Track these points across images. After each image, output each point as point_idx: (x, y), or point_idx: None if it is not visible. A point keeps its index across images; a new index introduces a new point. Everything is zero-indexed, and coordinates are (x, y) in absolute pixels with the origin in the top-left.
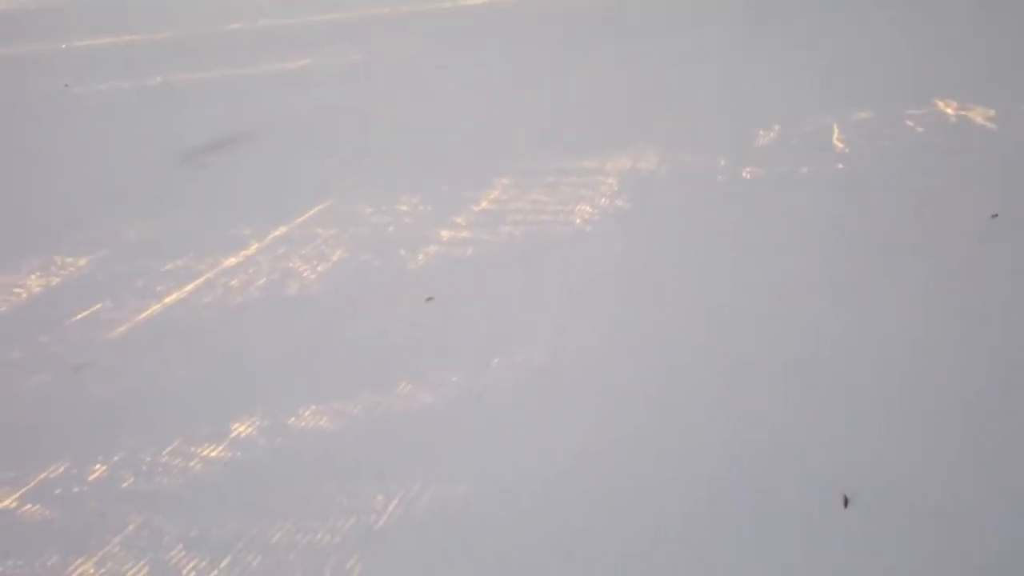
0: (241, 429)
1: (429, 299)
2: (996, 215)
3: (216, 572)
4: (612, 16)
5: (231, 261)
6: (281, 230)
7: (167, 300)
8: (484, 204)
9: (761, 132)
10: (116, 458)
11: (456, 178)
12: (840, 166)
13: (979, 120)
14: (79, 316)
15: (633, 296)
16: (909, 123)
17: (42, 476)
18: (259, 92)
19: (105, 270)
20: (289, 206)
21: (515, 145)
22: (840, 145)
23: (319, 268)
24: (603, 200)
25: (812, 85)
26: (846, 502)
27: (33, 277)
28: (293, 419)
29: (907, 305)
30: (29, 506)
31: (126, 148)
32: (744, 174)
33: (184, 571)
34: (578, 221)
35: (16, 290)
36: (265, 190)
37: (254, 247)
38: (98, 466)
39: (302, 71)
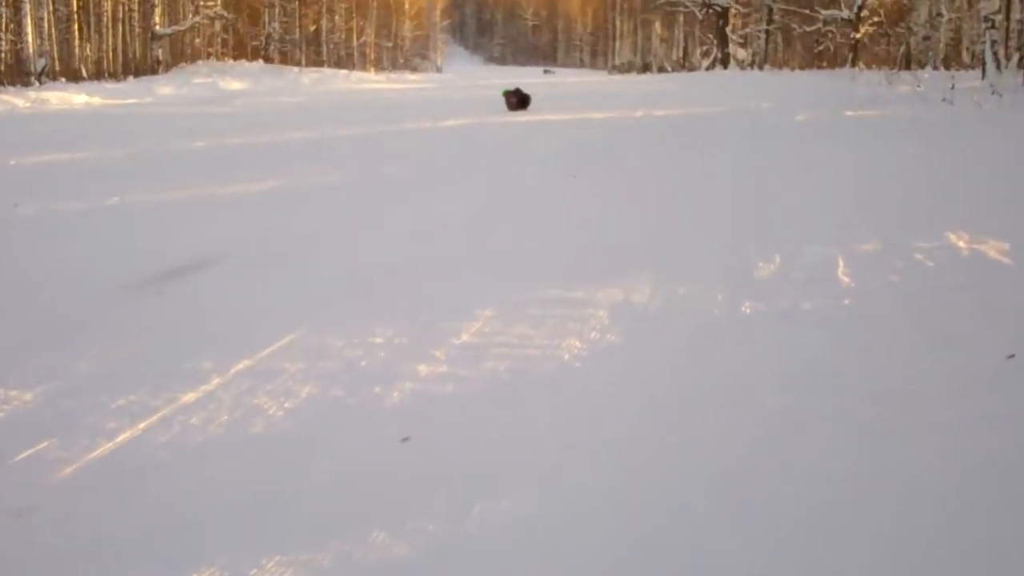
0: None
1: (405, 439)
2: (1013, 355)
3: None
4: (619, 140)
5: (189, 397)
6: (245, 363)
7: (119, 439)
8: (465, 337)
9: (761, 263)
10: None
11: (435, 308)
12: (846, 302)
13: (992, 254)
14: (23, 455)
15: (627, 439)
16: (918, 256)
17: None
18: (223, 215)
19: (52, 405)
20: (254, 338)
21: (499, 274)
22: (845, 279)
23: (286, 405)
24: (593, 334)
25: (814, 213)
26: None
27: None
28: (255, 571)
29: (923, 457)
30: None
31: (78, 272)
32: (743, 308)
33: None
34: (566, 357)
35: None
36: (228, 320)
37: (215, 382)
38: None
39: (269, 193)
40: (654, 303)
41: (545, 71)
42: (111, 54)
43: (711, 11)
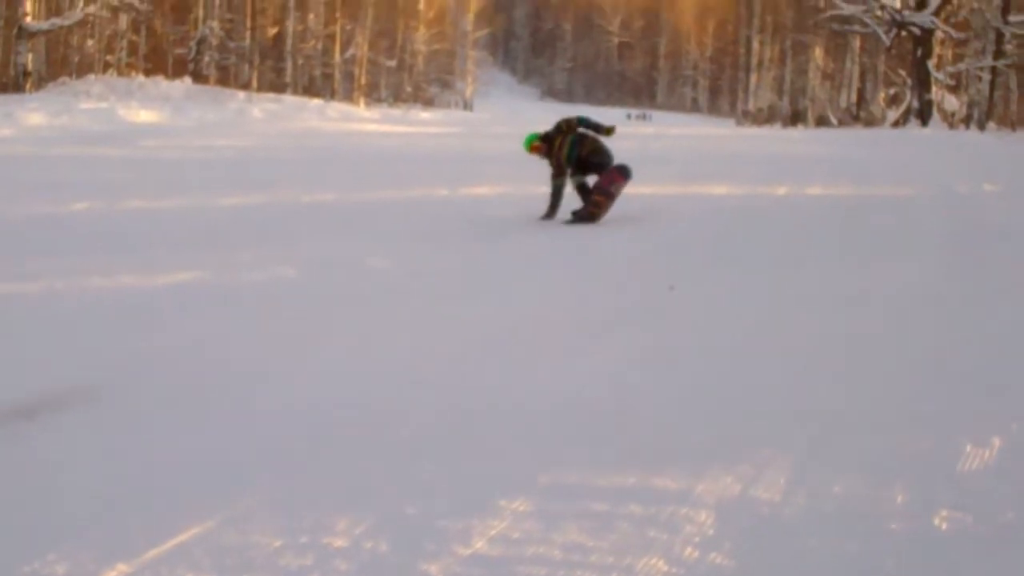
0: None
1: None
2: None
3: None
4: (748, 237)
5: None
6: (120, 570)
7: None
8: (479, 544)
9: (970, 448)
10: None
11: (432, 493)
12: None
13: None
14: None
15: None
16: None
17: None
18: (104, 321)
19: None
20: (139, 526)
21: (537, 441)
22: None
23: None
24: (688, 550)
25: None
26: None
27: None
28: None
29: None
30: None
31: None
32: (937, 521)
33: None
34: None
35: None
36: (101, 492)
37: None
38: None
39: (180, 289)
40: None
41: (634, 116)
42: None
43: (903, 34)
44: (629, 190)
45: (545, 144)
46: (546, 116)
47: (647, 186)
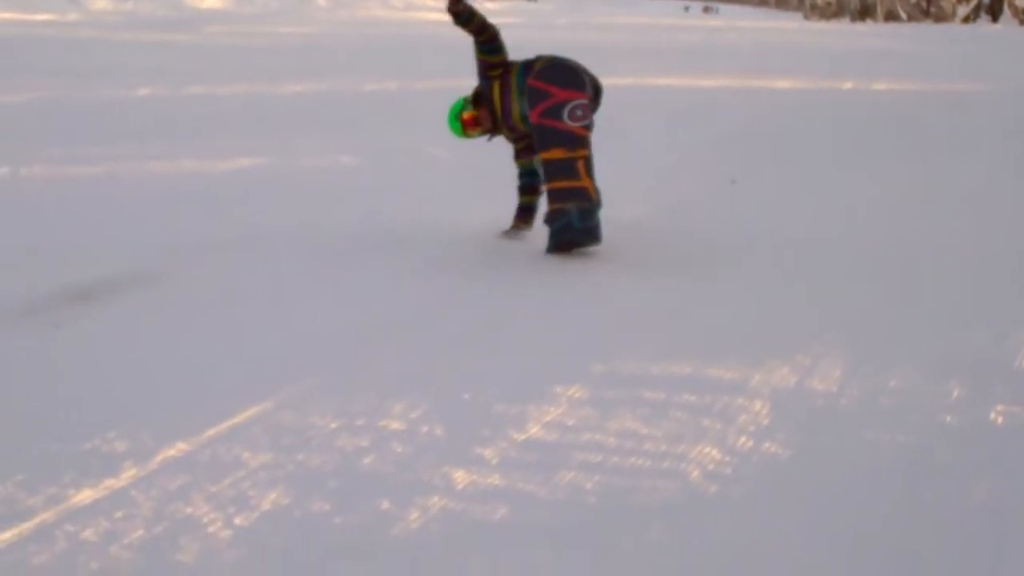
0: None
1: None
2: None
3: None
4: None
5: (85, 496)
6: (179, 448)
7: None
8: (534, 430)
9: None
10: None
11: (486, 379)
12: None
13: None
14: None
15: None
16: None
17: None
18: (174, 204)
19: None
20: (197, 407)
21: (594, 332)
22: None
23: (238, 521)
24: (742, 440)
25: None
26: None
27: None
28: None
29: None
30: None
31: None
32: (993, 415)
33: None
34: (696, 475)
35: None
36: (159, 374)
37: (129, 474)
38: None
39: (251, 174)
40: None
41: (698, 7)
42: None
43: None
44: (688, 81)
45: (483, 109)
46: (610, 7)
47: (711, 79)
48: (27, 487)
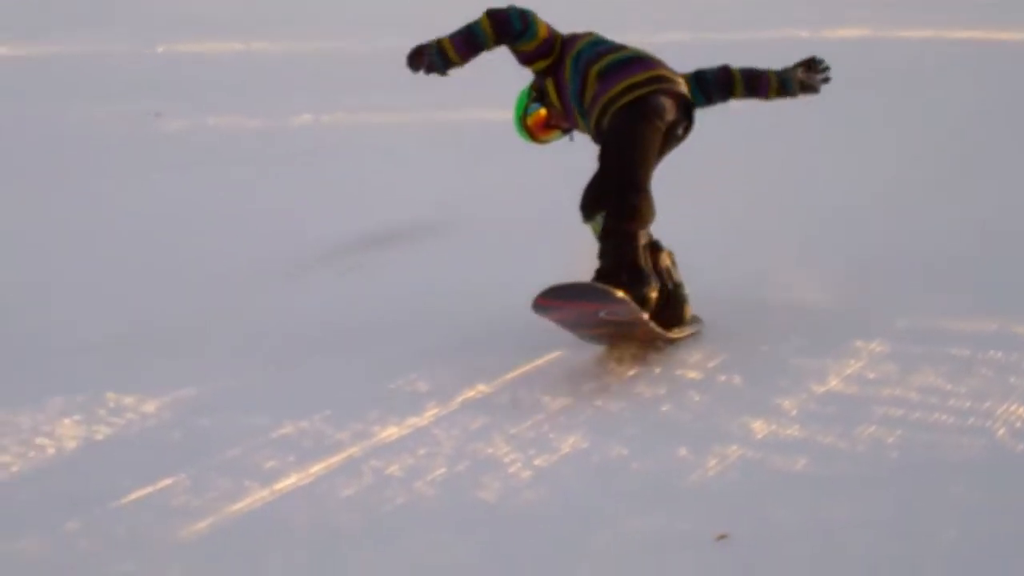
0: None
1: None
2: None
3: None
4: None
5: (391, 433)
6: (479, 389)
7: (277, 486)
8: (833, 383)
9: None
10: None
11: (787, 333)
12: None
13: None
14: (135, 494)
15: None
16: None
17: None
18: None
19: (183, 424)
20: (497, 350)
21: (897, 279)
22: None
23: (537, 462)
24: None
25: None
26: None
27: (68, 422)
28: None
29: None
30: None
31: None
32: None
33: None
34: (1002, 432)
35: (40, 440)
36: (459, 319)
37: (432, 413)
38: None
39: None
40: None
41: None
42: None
43: None
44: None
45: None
46: None
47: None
48: (334, 422)
